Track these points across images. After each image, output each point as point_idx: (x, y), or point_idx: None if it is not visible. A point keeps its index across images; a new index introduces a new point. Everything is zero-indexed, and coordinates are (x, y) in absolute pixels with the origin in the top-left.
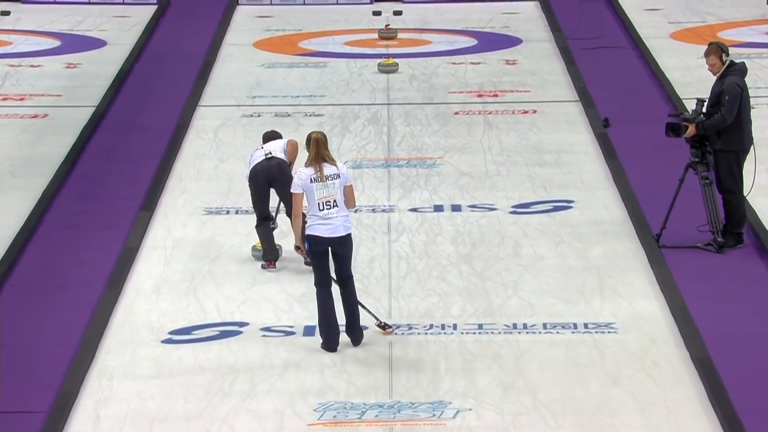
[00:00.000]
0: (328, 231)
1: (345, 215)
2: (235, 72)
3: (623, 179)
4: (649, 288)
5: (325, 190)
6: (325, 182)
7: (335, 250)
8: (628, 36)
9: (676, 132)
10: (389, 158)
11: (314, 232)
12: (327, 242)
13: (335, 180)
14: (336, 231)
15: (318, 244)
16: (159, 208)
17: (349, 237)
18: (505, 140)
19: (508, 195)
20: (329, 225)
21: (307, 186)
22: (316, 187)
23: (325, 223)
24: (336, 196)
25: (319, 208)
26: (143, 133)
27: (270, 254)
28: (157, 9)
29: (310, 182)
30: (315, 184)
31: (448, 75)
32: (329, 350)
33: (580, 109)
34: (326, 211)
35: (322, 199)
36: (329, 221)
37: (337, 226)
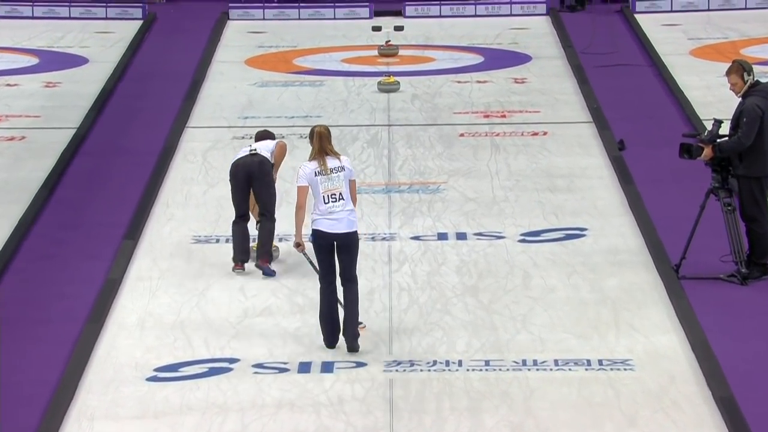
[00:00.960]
0: (332, 226)
1: (351, 209)
2: (226, 91)
3: (640, 206)
4: (668, 322)
5: (330, 183)
6: (329, 175)
7: (340, 244)
8: (645, 53)
9: (690, 153)
10: (390, 183)
11: (318, 226)
12: (332, 237)
13: (340, 173)
14: (340, 227)
15: (322, 238)
16: (144, 236)
17: (355, 234)
18: (513, 164)
19: (517, 222)
20: (334, 220)
21: (311, 180)
22: (320, 180)
23: (330, 218)
24: (341, 189)
25: (324, 201)
26: (127, 156)
27: (239, 255)
28: (142, 24)
29: (315, 176)
30: (319, 177)
31: (453, 94)
32: (329, 346)
33: (593, 131)
34: (331, 204)
35: (327, 192)
36: (334, 215)
37: (341, 221)
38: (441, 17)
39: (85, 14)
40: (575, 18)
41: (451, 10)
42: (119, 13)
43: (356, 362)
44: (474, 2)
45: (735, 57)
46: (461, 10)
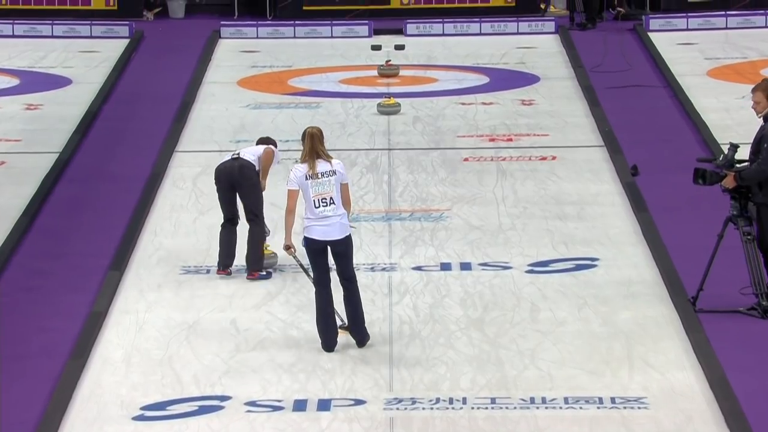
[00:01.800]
0: (323, 233)
1: (342, 214)
2: (217, 113)
3: (654, 234)
4: (685, 358)
5: (320, 187)
6: (319, 179)
7: (334, 250)
8: (660, 73)
9: (704, 179)
10: (390, 210)
11: (310, 234)
12: (324, 244)
13: (330, 177)
14: (332, 233)
15: (316, 244)
16: (130, 267)
17: (349, 238)
18: (520, 190)
19: (524, 252)
20: (325, 226)
21: (302, 183)
22: (311, 184)
23: (321, 224)
24: (332, 194)
25: (315, 206)
26: (113, 182)
27: (224, 260)
28: (129, 43)
29: (305, 179)
30: (310, 181)
31: (457, 117)
32: (327, 350)
33: (605, 156)
34: (322, 208)
35: (318, 197)
36: (326, 220)
37: (333, 226)
38: (444, 35)
39: (68, 32)
40: (586, 36)
41: (454, 28)
42: (105, 32)
43: (355, 400)
44: (479, 20)
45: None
46: (465, 28)
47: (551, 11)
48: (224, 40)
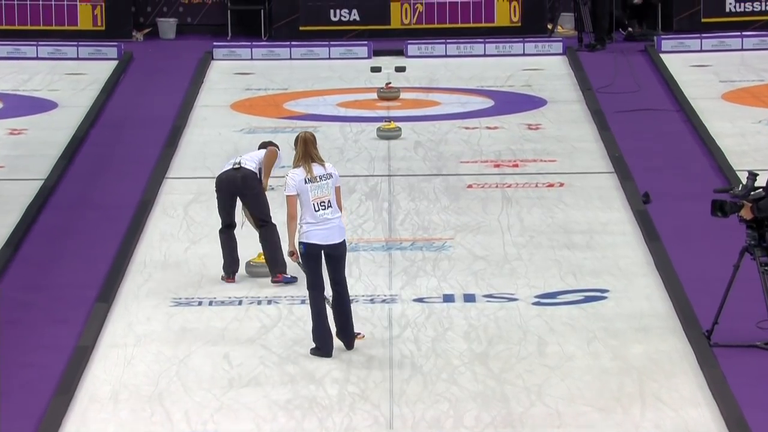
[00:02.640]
0: (323, 237)
1: (339, 217)
2: (210, 138)
3: (667, 265)
4: (699, 395)
5: (319, 191)
6: (318, 182)
7: (331, 254)
8: (672, 96)
9: (723, 211)
10: (390, 239)
11: (309, 239)
12: (323, 248)
13: (328, 180)
14: (332, 237)
15: (314, 248)
16: (118, 298)
17: (345, 243)
18: (526, 218)
19: (531, 283)
20: (325, 230)
21: (301, 188)
22: (310, 188)
23: (321, 228)
24: (330, 197)
25: (315, 209)
26: (100, 210)
27: (230, 267)
28: (117, 65)
29: (305, 183)
30: (309, 185)
31: (460, 141)
32: (324, 356)
33: (615, 182)
34: (322, 211)
35: (317, 200)
36: (325, 223)
37: (332, 230)
38: (447, 57)
39: (54, 54)
40: (595, 58)
41: (457, 49)
42: (92, 53)
43: None
44: (483, 40)
45: None
46: (469, 49)
47: (559, 31)
48: (217, 62)
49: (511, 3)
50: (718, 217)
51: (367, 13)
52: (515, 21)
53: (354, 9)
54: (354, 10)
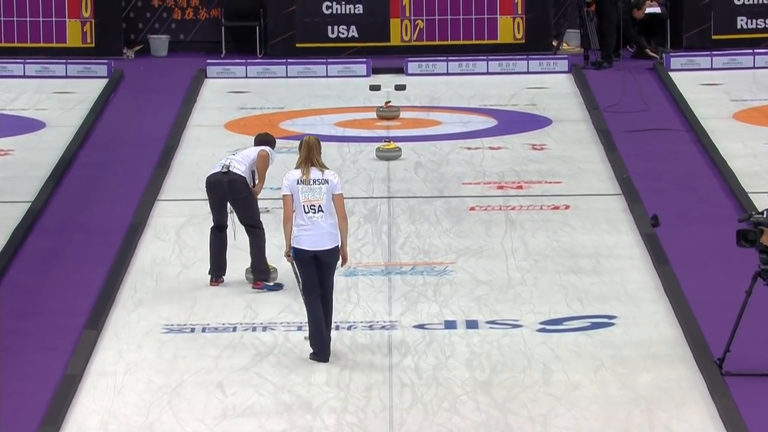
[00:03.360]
0: (312, 243)
1: (332, 222)
2: (203, 159)
3: (677, 290)
4: (711, 425)
5: (311, 194)
6: (311, 185)
7: (321, 260)
8: (682, 116)
9: (749, 240)
10: (390, 263)
11: (299, 244)
12: (312, 253)
13: (322, 185)
14: (321, 243)
15: (303, 253)
16: (108, 325)
17: (338, 249)
18: (531, 242)
19: (536, 309)
20: (314, 235)
21: (293, 188)
22: (301, 189)
23: (310, 233)
24: (321, 202)
25: (305, 211)
26: (89, 234)
27: (217, 270)
28: (107, 83)
29: (297, 184)
30: (301, 186)
31: (462, 162)
32: (321, 361)
33: (623, 205)
34: (311, 214)
35: (307, 202)
36: (314, 228)
37: (322, 235)
38: (448, 75)
39: (42, 72)
40: (601, 76)
41: (459, 67)
42: (81, 71)
43: None
44: (486, 58)
45: None
46: (471, 66)
47: (564, 48)
48: (210, 80)
49: (515, 19)
50: (744, 247)
51: (366, 30)
52: (519, 38)
53: (352, 25)
54: (352, 26)
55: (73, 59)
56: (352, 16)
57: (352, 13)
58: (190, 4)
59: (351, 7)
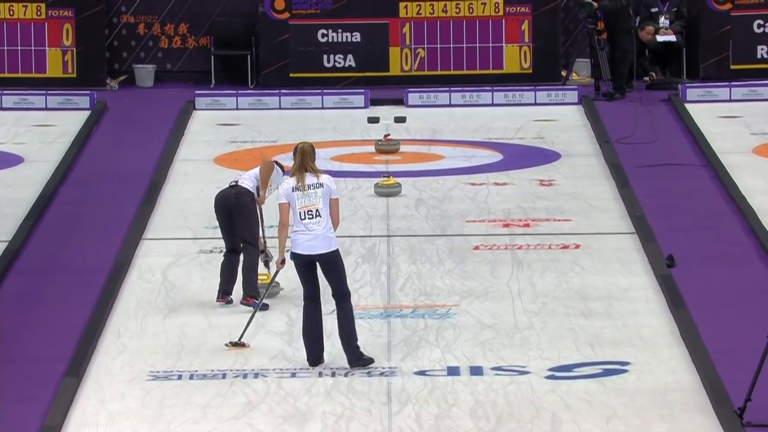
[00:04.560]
0: (307, 248)
1: (329, 227)
2: (191, 195)
3: (693, 335)
4: None
5: (306, 199)
6: (306, 191)
7: (322, 266)
8: (699, 150)
9: None
10: (389, 306)
11: (295, 249)
12: (309, 258)
13: (317, 189)
14: (316, 247)
15: (300, 258)
16: (89, 373)
17: (336, 252)
18: (539, 283)
19: (544, 355)
20: (310, 240)
21: (289, 195)
22: (297, 196)
23: (306, 238)
24: (318, 206)
25: (301, 218)
26: (70, 275)
27: (224, 287)
28: (90, 115)
29: (292, 191)
30: (296, 193)
31: (466, 199)
32: (312, 364)
33: (636, 244)
34: (308, 220)
35: (304, 209)
36: (310, 233)
37: (316, 240)
38: (451, 106)
39: (20, 104)
40: (613, 108)
41: (463, 98)
42: (62, 103)
43: None
44: (491, 88)
45: None
46: (475, 97)
47: (573, 79)
48: (199, 112)
49: (522, 48)
50: None
51: (364, 59)
52: (526, 67)
53: (349, 54)
54: (349, 55)
55: (53, 90)
56: (349, 44)
57: (349, 41)
58: (177, 32)
59: (348, 35)
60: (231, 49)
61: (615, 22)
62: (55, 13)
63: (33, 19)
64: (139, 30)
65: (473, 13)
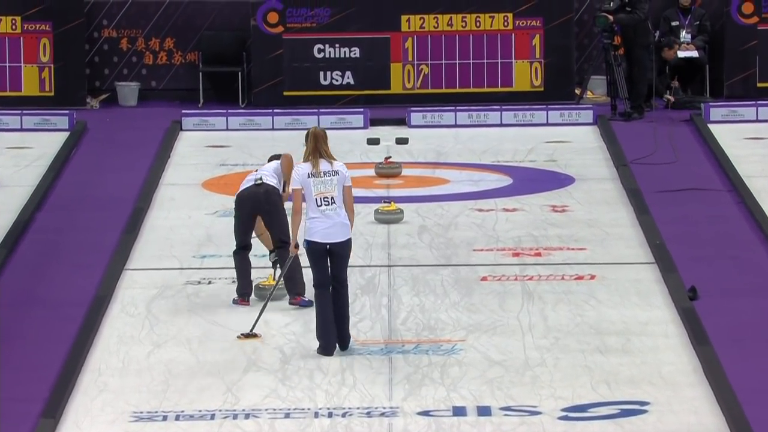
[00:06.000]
0: (325, 235)
1: (344, 214)
2: (177, 222)
3: (718, 373)
4: None
5: (323, 186)
6: (323, 178)
7: (334, 252)
8: (723, 174)
9: None
10: (391, 341)
11: (312, 236)
12: (325, 245)
13: (333, 177)
14: (334, 235)
15: (316, 245)
16: (68, 413)
17: (350, 241)
18: (551, 317)
19: (557, 394)
20: (327, 228)
21: (304, 182)
22: (313, 182)
23: (323, 225)
24: (333, 193)
25: (317, 204)
26: (47, 308)
27: (243, 288)
28: (69, 136)
29: (308, 177)
30: (312, 179)
31: (473, 226)
32: (326, 354)
33: (656, 275)
34: (324, 207)
35: (320, 195)
36: (327, 220)
37: (335, 227)
38: (456, 127)
39: None
40: (631, 128)
41: (469, 118)
42: (39, 123)
43: None
44: (499, 107)
45: None
46: (483, 117)
47: (588, 97)
48: (186, 133)
49: (533, 64)
50: None
51: (364, 76)
52: (537, 85)
53: (348, 71)
54: (348, 72)
55: (29, 110)
56: (347, 60)
57: (347, 56)
58: (163, 47)
59: (346, 50)
60: (220, 65)
61: (632, 36)
62: (31, 26)
63: (7, 34)
64: (122, 45)
65: (480, 27)
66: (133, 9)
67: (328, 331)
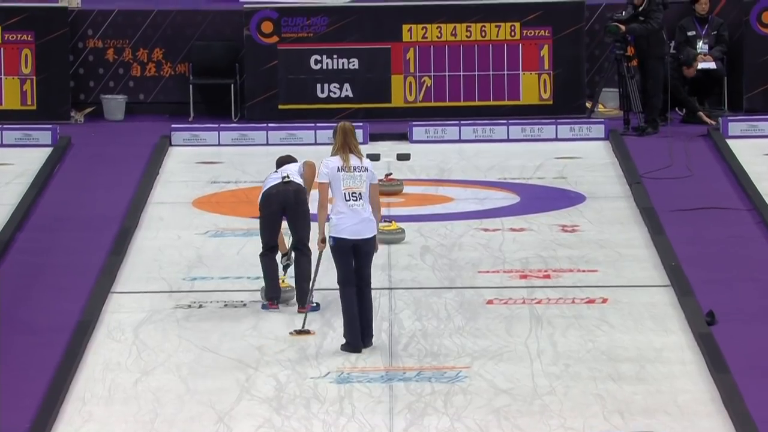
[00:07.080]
0: (353, 232)
1: (371, 210)
2: (167, 243)
3: (737, 402)
4: None
5: (352, 181)
6: (352, 173)
7: (360, 249)
8: (742, 192)
9: None
10: (391, 368)
11: (339, 233)
12: (353, 242)
13: (362, 173)
14: (362, 232)
15: (344, 242)
16: None
17: (375, 238)
18: (561, 342)
19: (567, 424)
20: (355, 224)
21: (333, 175)
22: (342, 176)
23: (351, 222)
24: (362, 189)
25: (345, 199)
26: (28, 334)
27: (273, 292)
28: (52, 152)
29: (337, 171)
30: (342, 173)
31: (478, 246)
32: (353, 352)
33: (671, 298)
34: (352, 202)
35: (348, 190)
36: (356, 216)
37: (363, 224)
38: (461, 142)
39: None
40: (645, 144)
41: (474, 133)
42: (20, 138)
43: None
44: (506, 122)
45: None
46: (489, 132)
47: (600, 111)
48: (176, 149)
49: (541, 76)
50: None
51: (363, 89)
52: (546, 98)
53: (346, 83)
54: (346, 84)
55: (9, 124)
56: (346, 72)
57: (346, 68)
58: (151, 58)
59: (344, 61)
60: (212, 77)
61: (646, 47)
62: (12, 36)
63: None
64: (108, 56)
65: (486, 37)
66: (119, 18)
67: (355, 328)
